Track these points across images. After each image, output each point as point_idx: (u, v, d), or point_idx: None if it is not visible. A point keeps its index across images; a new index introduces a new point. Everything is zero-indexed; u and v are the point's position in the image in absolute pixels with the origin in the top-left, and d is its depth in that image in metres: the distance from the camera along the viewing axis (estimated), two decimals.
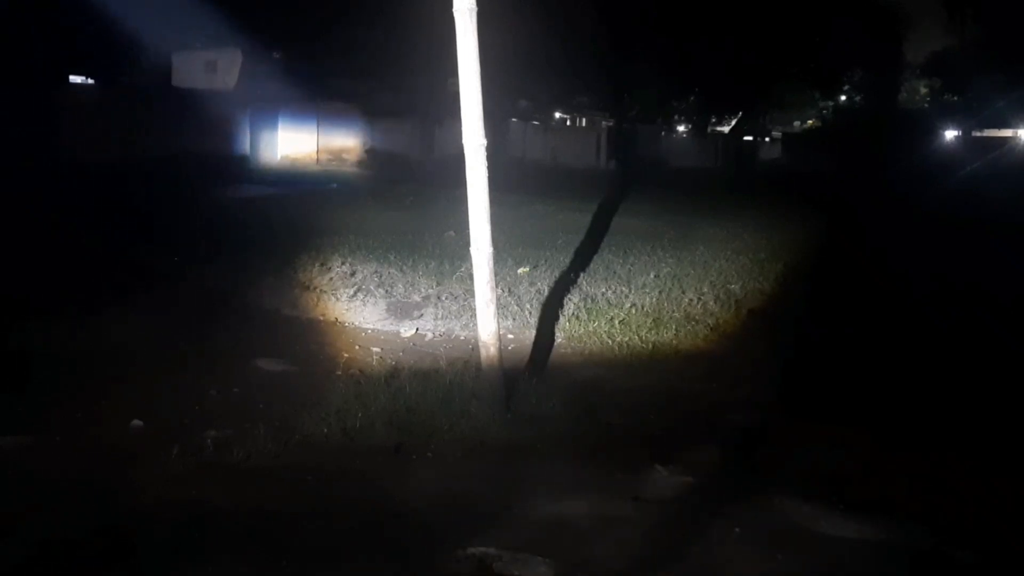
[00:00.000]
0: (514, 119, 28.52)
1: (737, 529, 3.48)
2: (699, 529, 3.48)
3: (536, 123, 31.28)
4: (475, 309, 4.71)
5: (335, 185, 17.15)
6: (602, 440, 4.40)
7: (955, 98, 36.78)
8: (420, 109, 22.97)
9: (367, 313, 6.94)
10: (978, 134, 33.91)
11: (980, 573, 3.29)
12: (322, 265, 7.81)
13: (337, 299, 7.12)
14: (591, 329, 6.45)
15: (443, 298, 7.08)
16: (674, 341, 6.31)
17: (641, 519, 3.53)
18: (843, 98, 41.86)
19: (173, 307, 6.75)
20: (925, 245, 10.26)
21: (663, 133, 38.11)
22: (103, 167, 13.69)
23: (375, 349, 6.11)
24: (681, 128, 41.91)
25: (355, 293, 7.19)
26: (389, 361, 5.75)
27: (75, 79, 20.76)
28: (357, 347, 6.16)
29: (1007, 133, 33.33)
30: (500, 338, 4.70)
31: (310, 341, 6.26)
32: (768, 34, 25.43)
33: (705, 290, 7.60)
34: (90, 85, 21.24)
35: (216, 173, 15.14)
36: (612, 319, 6.64)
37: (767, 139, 45.55)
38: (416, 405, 4.62)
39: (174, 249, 8.47)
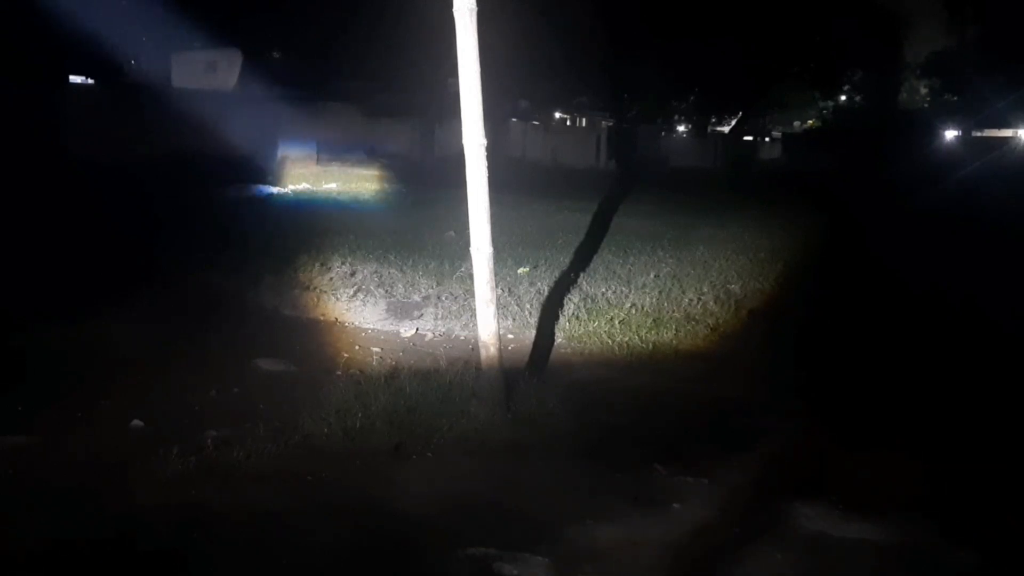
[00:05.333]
0: (514, 119, 28.51)
1: (737, 529, 3.48)
2: (698, 529, 3.48)
3: (536, 123, 31.28)
4: (475, 309, 4.71)
5: (335, 185, 17.14)
6: (602, 440, 4.40)
7: (955, 98, 36.80)
8: (420, 109, 22.96)
9: (367, 313, 6.94)
10: (978, 134, 33.94)
11: (982, 574, 3.29)
12: (322, 265, 7.80)
13: (337, 299, 7.12)
14: (591, 329, 6.45)
15: (443, 298, 7.08)
16: (674, 341, 6.31)
17: (640, 519, 3.53)
18: (843, 98, 41.91)
19: (173, 307, 6.74)
20: (925, 245, 10.25)
21: (663, 133, 38.11)
22: (102, 167, 13.66)
23: (375, 349, 6.10)
24: (681, 128, 41.93)
25: (355, 293, 7.18)
26: (389, 361, 5.75)
27: (75, 79, 20.75)
28: (357, 347, 6.16)
29: (1007, 133, 33.35)
30: (500, 338, 4.70)
31: (310, 341, 6.26)
32: (768, 34, 25.43)
33: (705, 290, 7.60)
34: (90, 85, 21.23)
35: (215, 173, 15.11)
36: (612, 319, 6.64)
37: (767, 139, 45.58)
38: (416, 405, 4.62)
39: (173, 249, 8.46)
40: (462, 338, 6.37)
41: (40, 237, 8.27)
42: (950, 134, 34.77)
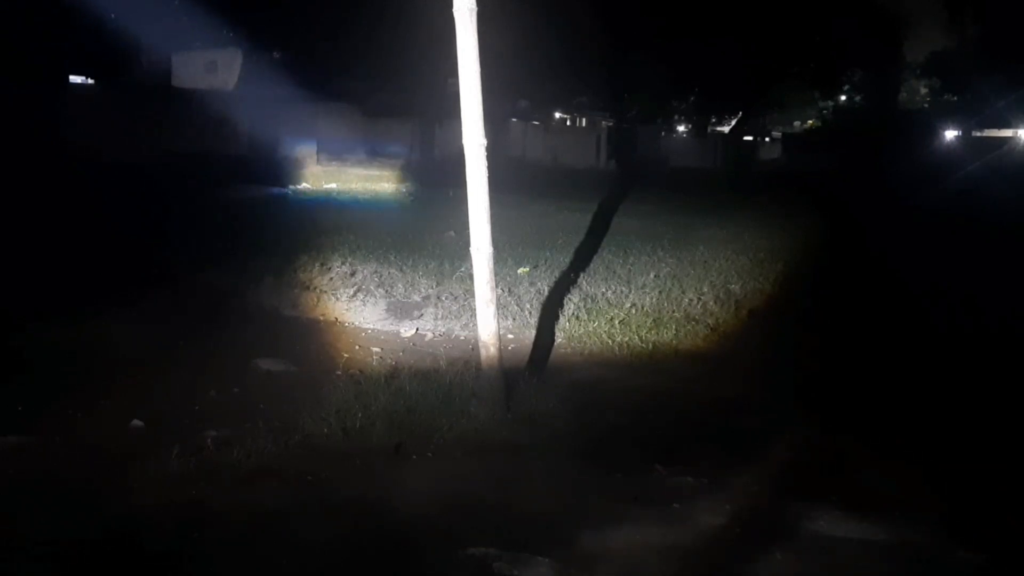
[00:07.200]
0: (514, 119, 28.53)
1: (738, 529, 3.48)
2: (699, 529, 3.48)
3: (536, 123, 31.28)
4: (475, 309, 4.71)
5: (335, 185, 17.15)
6: (602, 440, 4.40)
7: (955, 98, 36.81)
8: (420, 109, 22.96)
9: (367, 313, 6.94)
10: (978, 134, 33.95)
11: (983, 574, 3.29)
12: (322, 265, 7.81)
13: (337, 299, 7.12)
14: (591, 329, 6.45)
15: (443, 298, 7.08)
16: (674, 341, 6.31)
17: (640, 519, 3.53)
18: (843, 98, 41.89)
19: (173, 307, 6.75)
20: (925, 245, 10.25)
21: (663, 133, 38.11)
22: (101, 167, 13.67)
23: (375, 349, 6.10)
24: (681, 128, 41.93)
25: (355, 293, 7.19)
26: (389, 361, 5.75)
27: (75, 79, 20.75)
28: (357, 347, 6.16)
29: (1007, 133, 33.36)
30: (500, 338, 4.70)
31: (310, 341, 6.26)
32: (768, 34, 25.42)
33: (705, 290, 7.60)
34: (90, 85, 21.23)
35: (215, 173, 15.12)
36: (612, 319, 6.64)
37: (767, 139, 45.59)
38: (416, 405, 4.62)
39: (172, 249, 8.46)
40: (462, 338, 6.37)
41: (41, 237, 8.27)
42: (950, 134, 34.77)
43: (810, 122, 45.92)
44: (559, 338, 6.35)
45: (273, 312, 6.99)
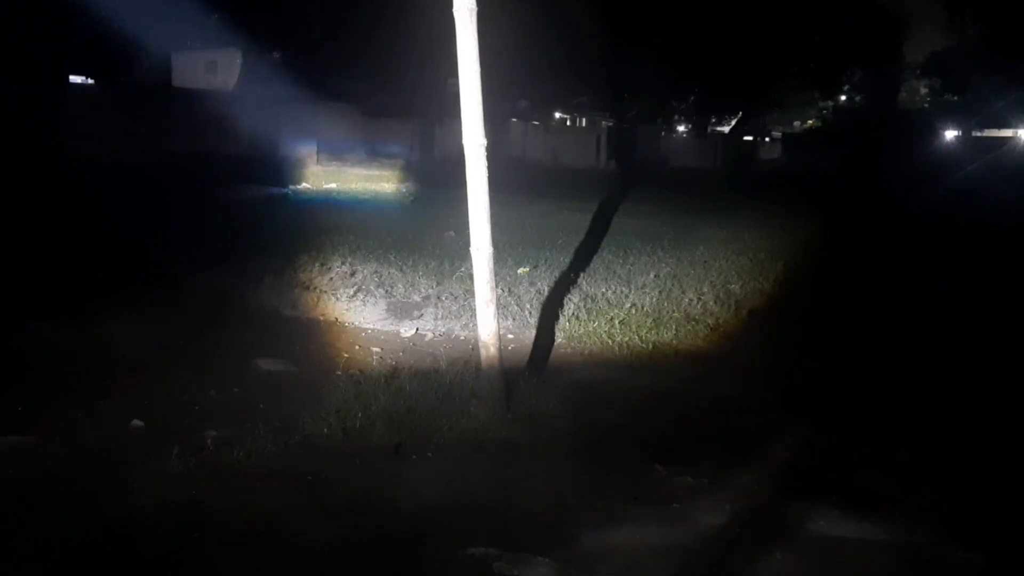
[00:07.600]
0: (514, 119, 28.55)
1: (737, 529, 3.48)
2: (699, 529, 3.47)
3: (536, 123, 31.32)
4: (475, 309, 4.71)
5: (335, 185, 17.16)
6: (602, 440, 4.40)
7: (955, 98, 36.85)
8: (420, 109, 22.97)
9: (367, 313, 6.94)
10: (978, 134, 33.99)
11: (983, 574, 3.29)
12: (322, 265, 7.81)
13: (337, 299, 7.12)
14: (591, 329, 6.45)
15: (443, 298, 7.08)
16: (674, 341, 6.31)
17: (640, 519, 3.53)
18: (843, 98, 41.95)
19: (172, 307, 6.74)
20: (925, 245, 10.26)
21: (663, 133, 38.14)
22: (101, 166, 13.68)
23: (375, 349, 6.10)
24: (681, 128, 41.96)
25: (355, 293, 7.18)
26: (389, 361, 5.75)
27: (75, 79, 20.76)
28: (357, 347, 6.16)
29: (1007, 133, 33.40)
30: (500, 338, 4.70)
31: (310, 341, 6.26)
32: (768, 34, 25.43)
33: (705, 290, 7.60)
34: (90, 85, 21.25)
35: (215, 173, 15.13)
36: (612, 319, 6.64)
37: (767, 139, 45.62)
38: (416, 405, 4.62)
39: (173, 249, 8.46)
40: (462, 338, 6.37)
41: (41, 237, 8.27)
42: (950, 134, 34.81)
43: (810, 122, 45.98)
44: (559, 338, 6.35)
45: (273, 312, 6.99)
